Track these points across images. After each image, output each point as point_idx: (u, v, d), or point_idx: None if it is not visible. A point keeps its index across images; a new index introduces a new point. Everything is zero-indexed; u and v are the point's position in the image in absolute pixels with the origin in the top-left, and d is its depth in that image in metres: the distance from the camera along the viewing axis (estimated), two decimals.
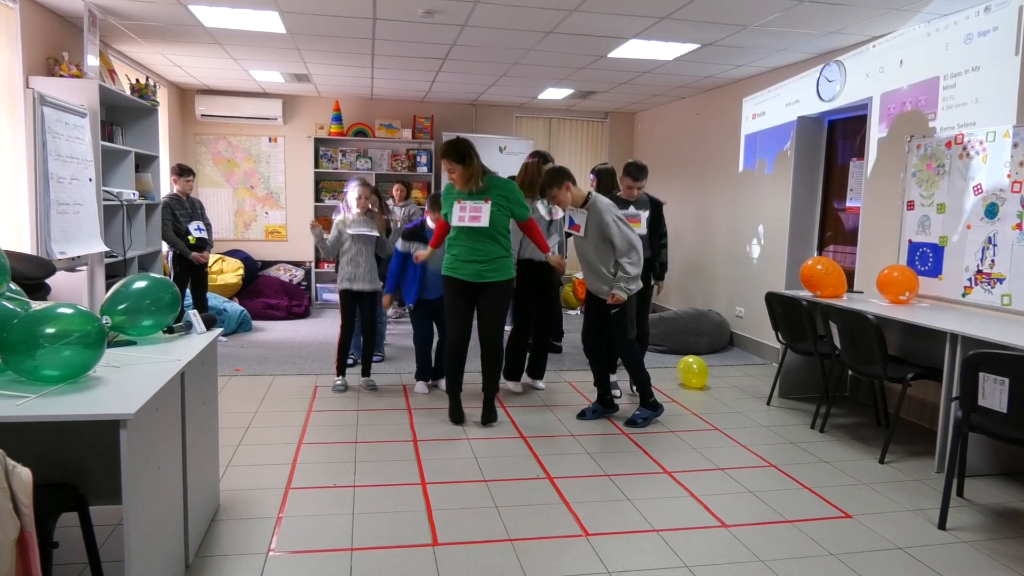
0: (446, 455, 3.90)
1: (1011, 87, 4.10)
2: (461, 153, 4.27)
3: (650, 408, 4.56)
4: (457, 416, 4.44)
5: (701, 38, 5.36)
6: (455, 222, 4.26)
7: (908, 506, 3.39)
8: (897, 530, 3.13)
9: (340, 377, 5.17)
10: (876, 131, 5.20)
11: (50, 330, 2.09)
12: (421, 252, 4.61)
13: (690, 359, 5.53)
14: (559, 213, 5.15)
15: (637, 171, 5.00)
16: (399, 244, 4.95)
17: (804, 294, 4.87)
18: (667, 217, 5.49)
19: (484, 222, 4.18)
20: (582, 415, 4.63)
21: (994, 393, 3.01)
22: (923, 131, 4.75)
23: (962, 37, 4.44)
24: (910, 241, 4.86)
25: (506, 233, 4.33)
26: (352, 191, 5.08)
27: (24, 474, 1.65)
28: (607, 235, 4.27)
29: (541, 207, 5.09)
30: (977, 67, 4.34)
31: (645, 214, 5.08)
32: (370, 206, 5.07)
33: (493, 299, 4.32)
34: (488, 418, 4.42)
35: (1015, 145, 4.07)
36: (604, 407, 4.66)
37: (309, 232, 5.20)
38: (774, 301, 4.95)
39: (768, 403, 5.09)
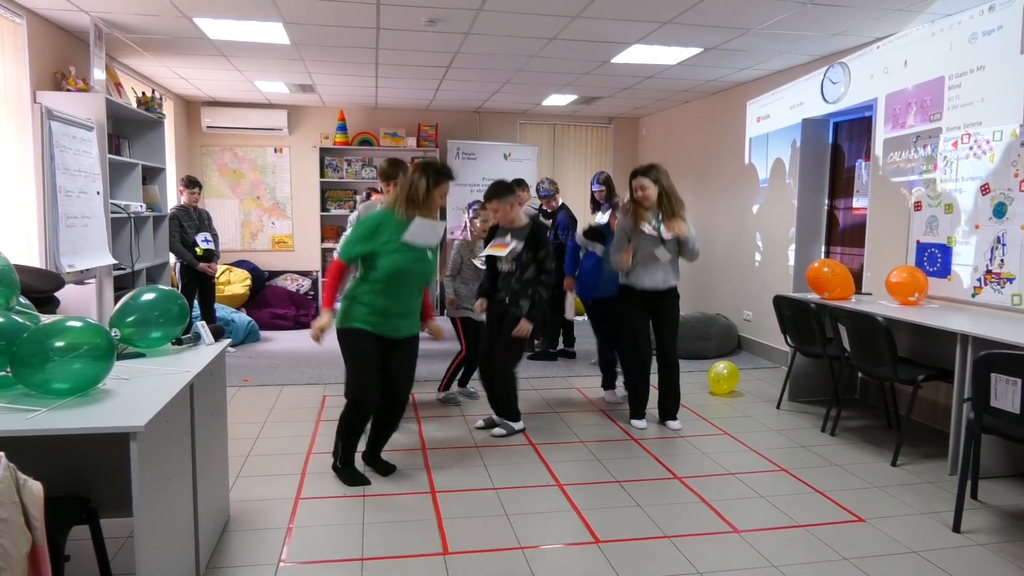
0: (456, 463, 3.89)
1: (1017, 86, 4.09)
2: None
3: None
4: (362, 477, 3.68)
5: (704, 42, 5.35)
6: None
7: (922, 509, 3.37)
8: (911, 534, 3.10)
9: (459, 388, 5.17)
10: (882, 132, 5.19)
11: (59, 343, 2.10)
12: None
13: (720, 365, 5.46)
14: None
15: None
16: (578, 239, 5.18)
17: (812, 297, 4.85)
18: None
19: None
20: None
21: (1006, 394, 2.98)
22: (929, 131, 4.74)
23: (967, 36, 4.43)
24: (918, 242, 4.84)
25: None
26: (477, 216, 4.94)
27: (35, 488, 1.65)
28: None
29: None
30: (982, 66, 4.32)
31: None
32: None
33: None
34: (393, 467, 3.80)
35: (1022, 144, 4.05)
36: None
37: (318, 243, 5.15)
38: (782, 304, 4.93)
39: (778, 407, 5.07)
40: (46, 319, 2.34)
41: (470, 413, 4.84)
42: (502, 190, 4.29)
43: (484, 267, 4.59)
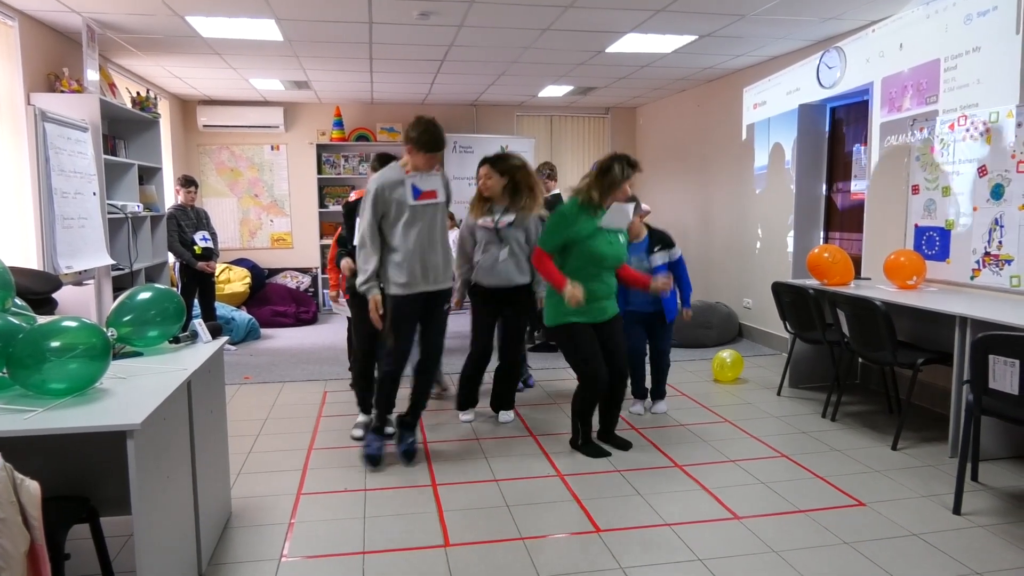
0: (456, 456, 3.90)
1: (1013, 67, 4.07)
2: None
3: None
4: (601, 450, 3.94)
5: (698, 29, 5.33)
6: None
7: (922, 492, 3.37)
8: (912, 517, 3.11)
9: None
10: (878, 116, 5.17)
11: (56, 344, 2.10)
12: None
13: (724, 354, 5.46)
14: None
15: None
16: None
17: (811, 283, 4.84)
18: (671, 209, 5.43)
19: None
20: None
21: (1005, 375, 2.98)
22: (925, 114, 4.72)
23: (962, 18, 4.41)
24: (916, 225, 4.83)
25: None
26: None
27: (33, 487, 1.66)
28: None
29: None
30: (978, 48, 4.30)
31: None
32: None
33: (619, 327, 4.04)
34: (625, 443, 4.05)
35: (1019, 125, 4.04)
36: None
37: (317, 239, 4.99)
38: (781, 291, 4.92)
39: (778, 393, 5.07)
40: (42, 320, 2.34)
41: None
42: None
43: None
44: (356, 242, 3.75)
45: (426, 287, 3.63)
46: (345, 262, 4.13)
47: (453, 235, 4.59)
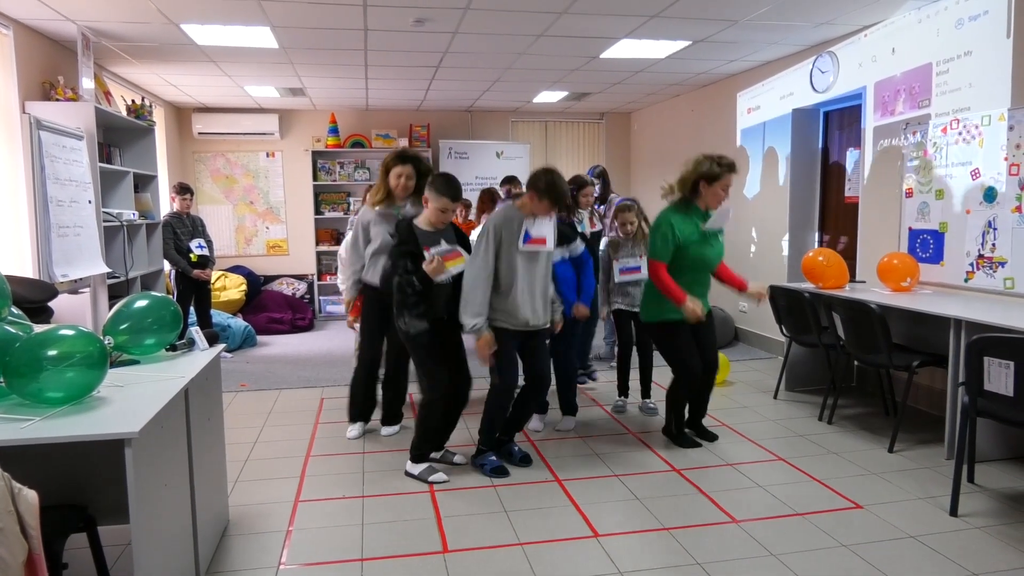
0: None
1: (1004, 70, 4.10)
2: None
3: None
4: (691, 440, 4.11)
5: (692, 35, 5.36)
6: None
7: (919, 494, 3.38)
8: (909, 519, 3.12)
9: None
10: (871, 120, 5.20)
11: (52, 352, 2.10)
12: None
13: None
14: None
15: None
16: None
17: (806, 286, 4.86)
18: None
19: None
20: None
21: (999, 377, 3.00)
22: (918, 118, 4.75)
23: (953, 22, 4.44)
24: (910, 228, 4.85)
25: None
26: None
27: (30, 496, 1.66)
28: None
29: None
30: (969, 52, 4.33)
31: None
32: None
33: (712, 326, 4.13)
34: (711, 435, 4.23)
35: (1011, 128, 4.07)
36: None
37: (313, 246, 5.01)
38: (777, 294, 4.94)
39: (775, 397, 5.08)
40: (39, 328, 2.34)
41: (467, 412, 4.85)
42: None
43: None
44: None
45: (526, 327, 3.64)
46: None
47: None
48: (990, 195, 4.22)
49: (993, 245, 4.21)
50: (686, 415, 4.18)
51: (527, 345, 3.72)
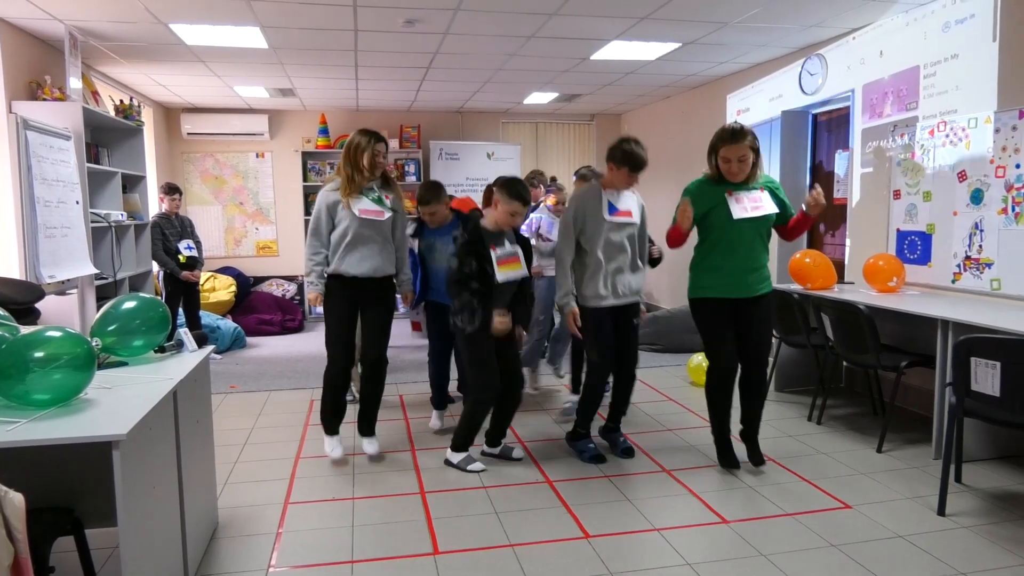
0: (443, 464, 3.89)
1: (990, 73, 4.13)
2: (756, 140, 3.53)
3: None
4: (731, 459, 3.72)
5: (682, 37, 5.38)
6: (738, 214, 3.48)
7: (907, 494, 3.40)
8: (897, 518, 3.14)
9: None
10: (860, 122, 5.23)
11: (39, 354, 2.08)
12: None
13: (698, 356, 5.48)
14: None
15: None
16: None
17: (795, 287, 4.88)
18: (656, 215, 5.45)
19: (770, 209, 3.52)
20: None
21: (986, 377, 3.02)
22: (906, 120, 4.78)
23: (940, 26, 4.48)
24: (898, 230, 4.88)
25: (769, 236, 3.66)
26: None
27: (16, 499, 1.64)
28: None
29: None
30: (956, 55, 4.37)
31: None
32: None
33: (764, 313, 3.65)
34: (760, 459, 3.76)
35: (997, 130, 4.10)
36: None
37: (303, 247, 4.92)
38: None
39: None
40: (25, 330, 2.32)
41: (458, 413, 4.85)
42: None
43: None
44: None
45: (615, 301, 3.72)
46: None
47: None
48: (977, 197, 4.26)
49: (980, 246, 4.25)
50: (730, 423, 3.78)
51: (616, 322, 3.78)
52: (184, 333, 2.96)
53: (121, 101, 6.16)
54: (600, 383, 3.83)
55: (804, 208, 3.53)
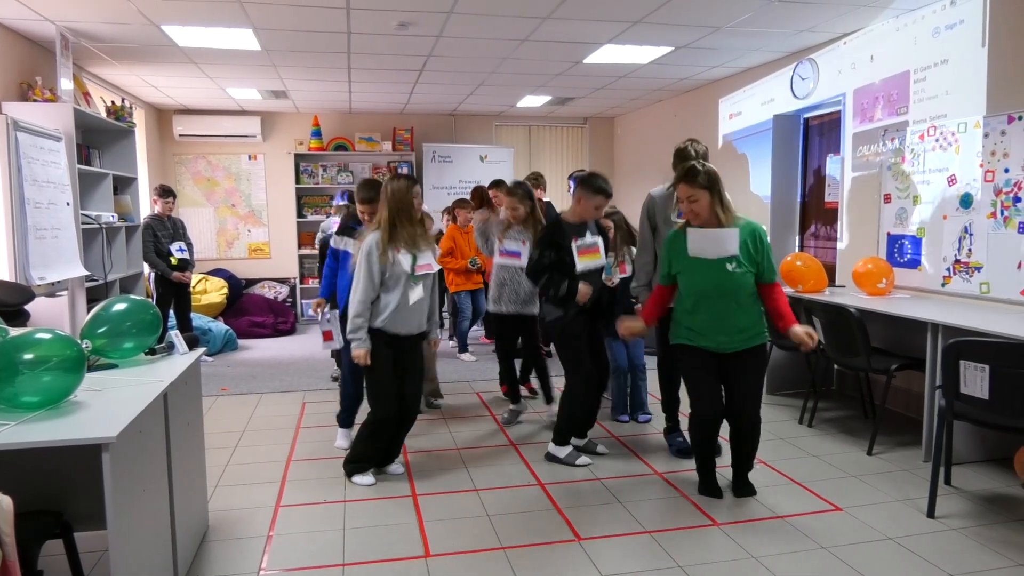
0: (436, 467, 3.89)
1: (979, 78, 4.16)
2: (709, 177, 3.21)
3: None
4: (717, 490, 3.44)
5: (675, 40, 5.40)
6: (693, 252, 3.26)
7: (897, 496, 3.42)
8: (887, 521, 3.15)
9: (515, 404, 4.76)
10: (851, 126, 5.26)
11: (29, 356, 2.08)
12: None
13: None
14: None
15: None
16: (333, 240, 4.16)
17: (786, 290, 4.89)
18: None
19: (732, 249, 3.19)
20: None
21: (975, 380, 3.04)
22: (896, 124, 4.81)
23: (930, 31, 4.51)
24: (888, 233, 4.91)
25: (755, 299, 3.31)
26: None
27: (4, 502, 1.63)
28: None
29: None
30: (946, 60, 4.40)
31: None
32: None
33: (751, 362, 3.34)
34: (749, 491, 3.46)
35: (986, 135, 4.13)
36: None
37: (295, 250, 4.87)
38: None
39: None
40: (15, 332, 2.31)
41: (451, 416, 4.85)
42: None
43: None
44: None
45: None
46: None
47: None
48: (966, 201, 4.28)
49: (969, 250, 4.27)
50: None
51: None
52: (175, 335, 2.95)
53: (113, 102, 6.13)
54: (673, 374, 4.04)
55: (791, 332, 3.23)
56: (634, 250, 4.40)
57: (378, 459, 3.70)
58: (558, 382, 4.83)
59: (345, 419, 4.19)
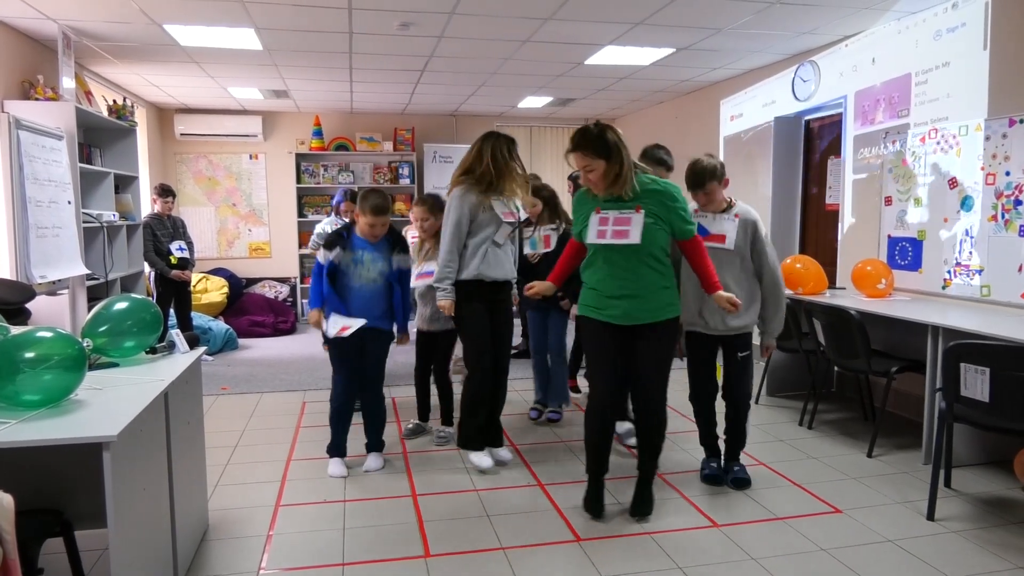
0: (436, 467, 3.89)
1: (981, 81, 4.17)
2: (605, 144, 3.04)
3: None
4: (597, 507, 3.19)
5: (676, 42, 5.40)
6: (592, 238, 3.06)
7: (897, 499, 3.42)
8: (887, 523, 3.15)
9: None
10: (852, 128, 5.26)
11: (30, 355, 2.08)
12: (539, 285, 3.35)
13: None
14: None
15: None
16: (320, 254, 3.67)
17: (787, 292, 4.89)
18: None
19: (634, 238, 2.96)
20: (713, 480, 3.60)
21: (976, 383, 3.04)
22: (897, 127, 4.81)
23: (931, 34, 4.51)
24: (889, 236, 4.91)
25: (665, 256, 3.10)
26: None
27: (5, 500, 1.63)
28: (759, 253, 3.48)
29: (499, 204, 3.69)
30: (947, 63, 4.40)
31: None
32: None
33: (653, 345, 3.08)
34: (644, 510, 3.19)
35: (987, 138, 4.13)
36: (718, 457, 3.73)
37: (296, 249, 4.76)
38: None
39: (756, 401, 5.11)
40: (16, 330, 2.31)
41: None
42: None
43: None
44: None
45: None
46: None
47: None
48: (967, 204, 4.29)
49: (970, 253, 4.28)
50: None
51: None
52: (176, 334, 2.95)
53: (114, 101, 6.14)
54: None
55: (714, 298, 3.17)
56: (563, 225, 4.40)
57: (484, 437, 3.79)
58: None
59: (336, 445, 3.84)
